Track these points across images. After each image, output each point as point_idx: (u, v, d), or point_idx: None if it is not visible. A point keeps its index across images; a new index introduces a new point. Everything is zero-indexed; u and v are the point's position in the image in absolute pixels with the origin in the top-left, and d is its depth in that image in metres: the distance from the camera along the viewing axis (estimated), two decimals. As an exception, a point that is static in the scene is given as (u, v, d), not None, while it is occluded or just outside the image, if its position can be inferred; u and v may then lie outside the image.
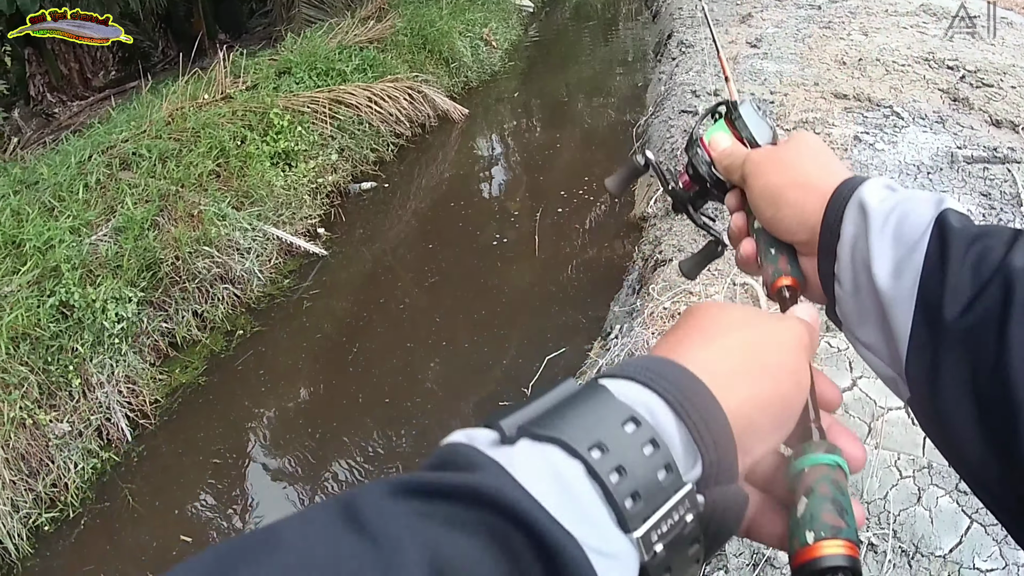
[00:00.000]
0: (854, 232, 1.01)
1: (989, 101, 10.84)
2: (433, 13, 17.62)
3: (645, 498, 0.60)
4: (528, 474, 0.57)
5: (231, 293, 8.85)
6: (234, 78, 12.45)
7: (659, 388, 0.67)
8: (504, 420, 0.64)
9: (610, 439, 0.61)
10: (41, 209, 8.54)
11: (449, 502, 0.55)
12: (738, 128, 1.38)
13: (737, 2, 19.20)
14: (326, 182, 11.20)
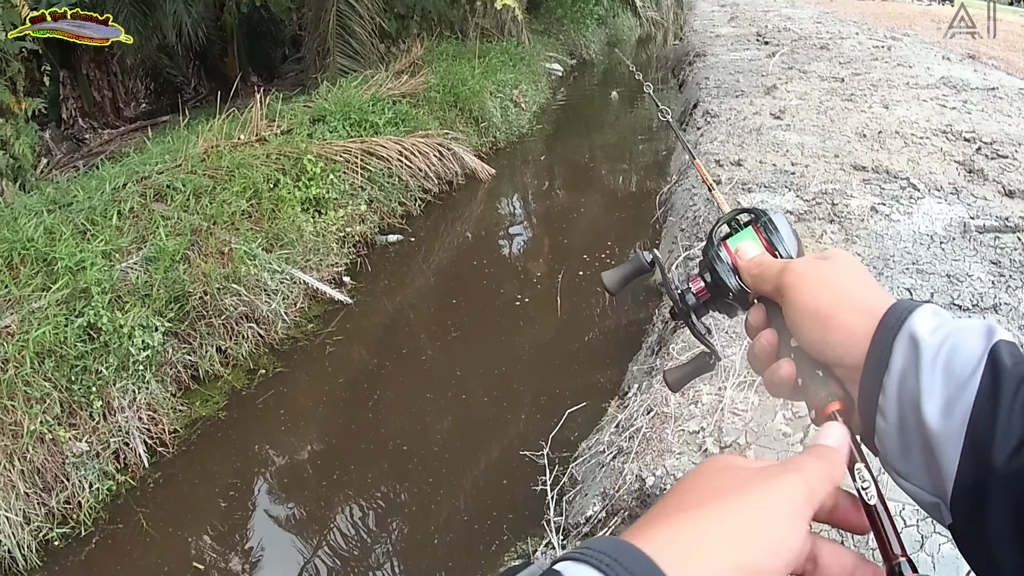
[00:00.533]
0: (903, 365, 0.97)
1: (1004, 172, 10.96)
2: (466, 71, 17.76)
3: None
4: None
5: (255, 332, 8.87)
6: (269, 121, 12.53)
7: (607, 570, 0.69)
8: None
9: None
10: (74, 230, 8.56)
11: None
12: (771, 239, 1.29)
13: (763, 74, 19.45)
14: (354, 231, 11.23)
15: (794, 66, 20.74)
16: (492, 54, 20.75)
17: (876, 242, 8.87)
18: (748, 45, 26.43)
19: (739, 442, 5.53)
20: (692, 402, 6.11)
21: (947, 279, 7.82)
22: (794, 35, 28.20)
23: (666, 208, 12.06)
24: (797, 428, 5.61)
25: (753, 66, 21.28)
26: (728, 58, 23.44)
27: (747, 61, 22.35)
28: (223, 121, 12.14)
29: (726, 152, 12.44)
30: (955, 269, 8.09)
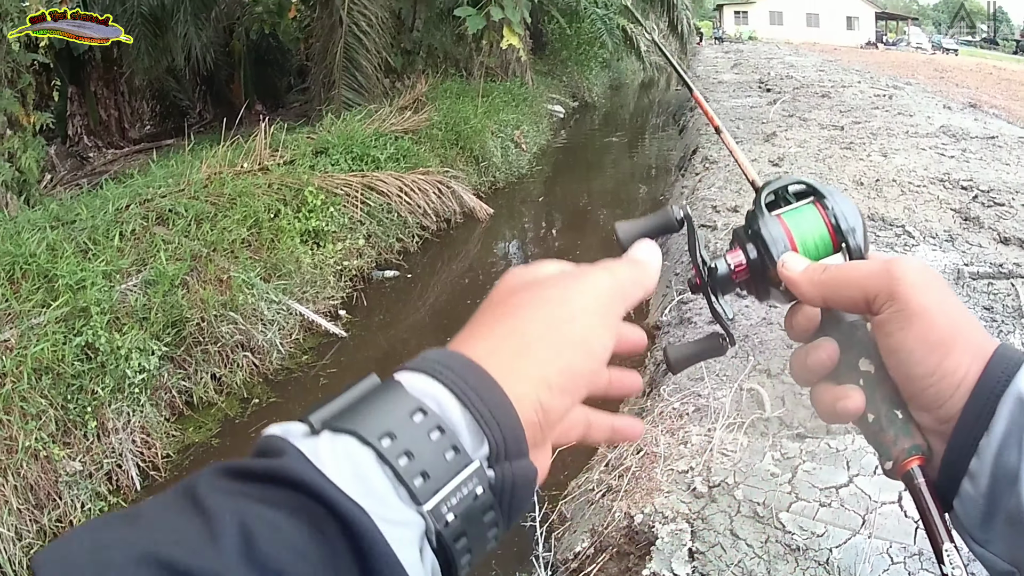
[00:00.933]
0: (1006, 429, 0.86)
1: (999, 219, 11.07)
2: (468, 110, 17.88)
3: (433, 476, 0.69)
4: (326, 459, 0.66)
5: (250, 361, 8.89)
6: (272, 150, 12.64)
7: (446, 380, 0.73)
8: (312, 415, 0.72)
9: (399, 428, 0.69)
10: (76, 248, 8.64)
11: (261, 483, 0.64)
12: (839, 226, 1.05)
13: (763, 121, 19.67)
14: (351, 265, 11.29)
15: (795, 114, 21.04)
16: (495, 93, 20.93)
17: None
18: (750, 92, 26.83)
19: (727, 482, 5.56)
20: (681, 442, 6.17)
21: (940, 325, 7.84)
22: (796, 83, 28.50)
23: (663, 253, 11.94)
24: (786, 469, 5.66)
25: (754, 113, 21.57)
26: (729, 104, 23.76)
27: (748, 108, 22.67)
28: (227, 148, 12.26)
29: (723, 198, 12.60)
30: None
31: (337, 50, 16.92)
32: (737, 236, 1.11)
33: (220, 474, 0.66)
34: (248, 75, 21.25)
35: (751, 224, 1.09)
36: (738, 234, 1.11)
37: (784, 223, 1.07)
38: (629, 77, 43.79)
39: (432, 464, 0.69)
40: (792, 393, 6.75)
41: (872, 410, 0.97)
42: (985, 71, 42.96)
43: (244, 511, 0.61)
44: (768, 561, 4.85)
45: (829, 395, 1.00)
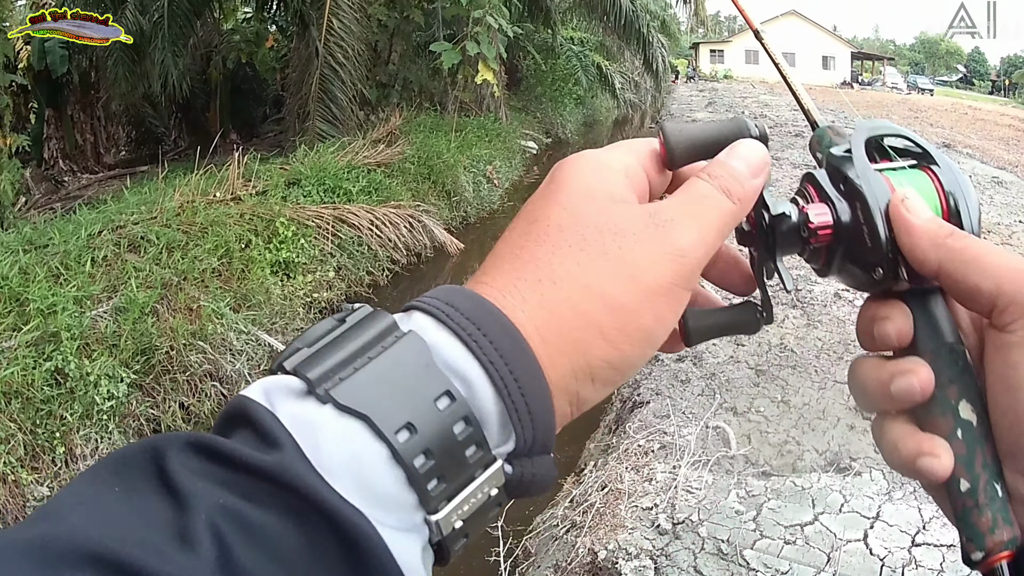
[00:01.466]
0: None
1: None
2: (441, 144, 17.99)
3: (450, 479, 0.61)
4: (329, 455, 0.57)
5: (219, 391, 8.84)
6: (245, 180, 12.70)
7: (482, 357, 0.62)
8: (313, 369, 0.60)
9: (420, 418, 0.60)
10: (48, 273, 8.68)
11: (249, 476, 0.55)
12: (954, 198, 0.79)
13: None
14: (321, 297, 11.28)
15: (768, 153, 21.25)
16: (469, 128, 21.03)
17: (838, 327, 9.05)
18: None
19: (692, 519, 5.55)
20: (646, 479, 6.16)
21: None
22: (770, 122, 28.55)
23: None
24: (751, 506, 5.68)
25: (727, 152, 21.69)
26: None
27: (722, 148, 22.76)
28: (200, 177, 12.29)
29: None
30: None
31: (313, 81, 17.00)
32: (816, 184, 0.82)
33: (195, 451, 0.57)
34: (224, 104, 21.31)
35: (843, 173, 0.80)
36: (818, 182, 0.82)
37: (889, 183, 0.78)
38: (603, 114, 43.64)
39: (451, 465, 0.61)
40: (758, 431, 6.80)
41: (967, 475, 0.72)
42: (960, 111, 43.31)
43: (223, 507, 0.54)
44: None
45: (911, 442, 0.74)
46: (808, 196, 0.82)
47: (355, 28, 17.35)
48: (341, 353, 0.62)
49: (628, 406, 8.02)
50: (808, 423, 6.91)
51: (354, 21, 17.32)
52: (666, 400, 7.51)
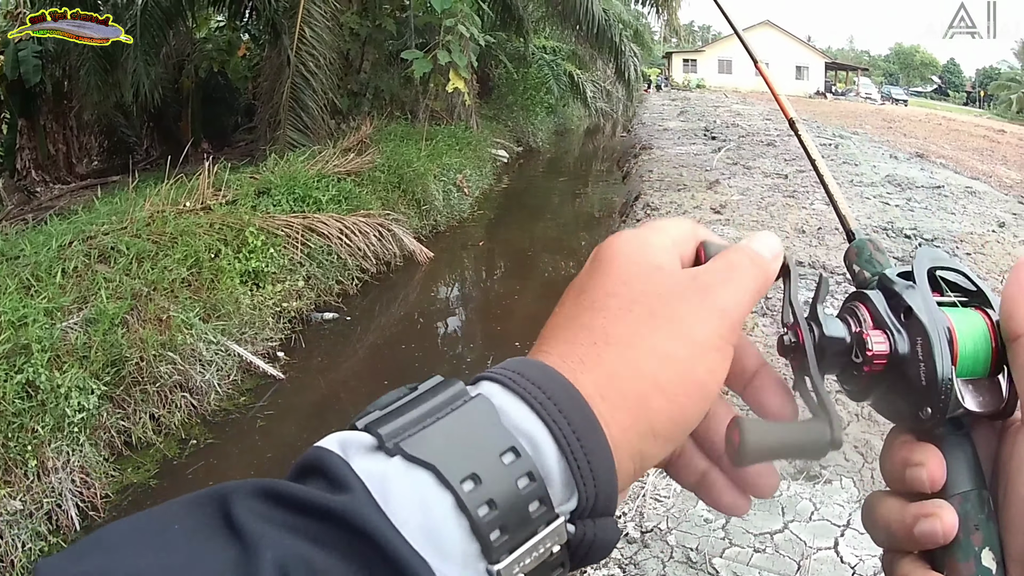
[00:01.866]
0: None
1: None
2: (412, 153, 17.96)
3: (512, 530, 0.61)
4: (396, 501, 0.58)
5: (188, 402, 8.82)
6: (215, 190, 12.65)
7: (547, 418, 0.65)
8: (382, 424, 0.64)
9: (485, 470, 0.61)
10: (19, 285, 8.63)
11: (315, 519, 0.57)
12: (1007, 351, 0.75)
13: (707, 168, 19.95)
14: (290, 307, 11.25)
15: (739, 161, 21.34)
16: (440, 137, 21.01)
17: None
18: (695, 139, 27.09)
19: (660, 527, 5.54)
20: None
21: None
22: (742, 131, 28.73)
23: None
24: (719, 515, 5.59)
25: (698, 160, 21.79)
26: (674, 152, 23.94)
27: (692, 155, 22.87)
28: (171, 186, 12.23)
29: None
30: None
31: (284, 90, 16.94)
32: (872, 308, 0.81)
33: (262, 496, 0.59)
34: (196, 113, 21.25)
35: (905, 303, 0.78)
36: (875, 306, 0.81)
37: (949, 320, 0.77)
38: (575, 123, 43.95)
39: (514, 518, 0.61)
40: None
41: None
42: (934, 121, 43.28)
43: (289, 550, 0.55)
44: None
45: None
46: (861, 318, 0.81)
47: (327, 37, 17.31)
48: (412, 414, 0.65)
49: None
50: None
51: (326, 30, 17.28)
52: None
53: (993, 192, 18.55)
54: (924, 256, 0.82)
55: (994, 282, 10.66)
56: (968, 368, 0.75)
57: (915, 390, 0.74)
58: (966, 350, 0.75)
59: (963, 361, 0.75)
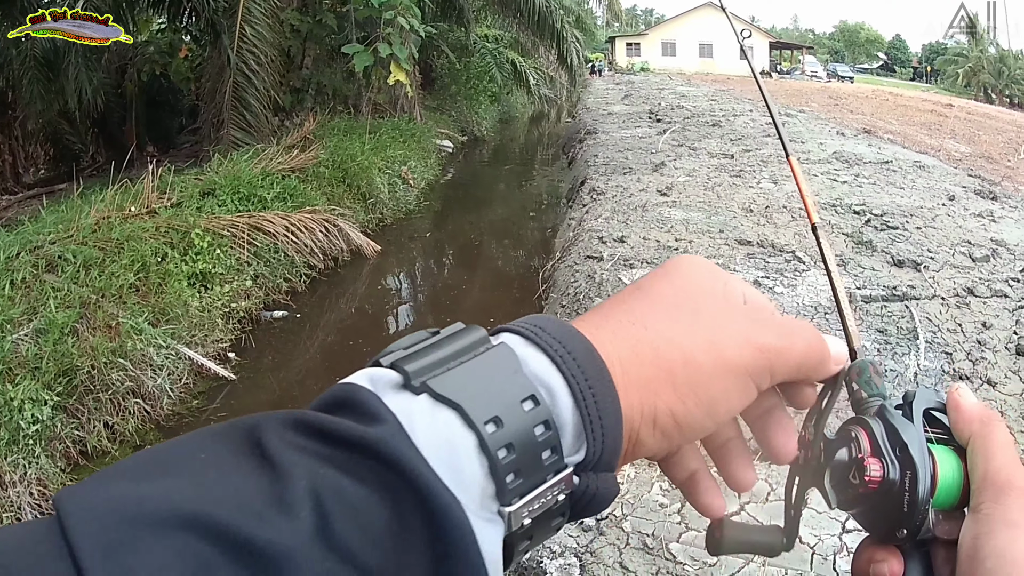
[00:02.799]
0: None
1: (893, 243, 11.28)
2: (356, 147, 18.00)
3: (526, 475, 0.64)
4: (423, 436, 0.60)
5: (142, 408, 8.79)
6: (160, 193, 12.62)
7: (566, 371, 0.68)
8: (410, 364, 0.66)
9: (507, 414, 0.64)
10: (-34, 300, 8.51)
11: (347, 450, 0.59)
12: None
13: (653, 151, 19.75)
14: (239, 307, 11.21)
15: (685, 143, 21.20)
16: (383, 130, 21.08)
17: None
18: (640, 123, 26.86)
19: (615, 514, 5.51)
20: None
21: (832, 349, 7.93)
22: (687, 112, 28.52)
23: (549, 285, 12.10)
24: (674, 499, 5.63)
25: (643, 143, 21.66)
26: (619, 135, 23.79)
27: (637, 139, 22.75)
28: (116, 192, 12.19)
29: (610, 229, 12.69)
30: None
31: (226, 89, 16.93)
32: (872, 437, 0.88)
33: (293, 426, 0.61)
34: (140, 117, 21.10)
35: (901, 439, 0.86)
36: (875, 437, 0.88)
37: (934, 459, 0.85)
38: (519, 110, 43.98)
39: (528, 463, 0.65)
40: None
41: None
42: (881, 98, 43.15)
43: (321, 479, 0.57)
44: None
45: None
46: (859, 442, 0.88)
47: (268, 34, 17.27)
48: (436, 355, 0.67)
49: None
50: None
51: (267, 27, 17.23)
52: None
53: (942, 166, 18.56)
54: (923, 398, 0.92)
55: (945, 255, 10.84)
56: (941, 501, 0.84)
57: (896, 513, 0.83)
58: (943, 486, 0.84)
59: (939, 494, 0.84)
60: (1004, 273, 10.26)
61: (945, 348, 8.16)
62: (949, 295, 9.54)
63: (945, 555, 0.83)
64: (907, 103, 39.31)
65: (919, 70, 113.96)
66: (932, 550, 0.85)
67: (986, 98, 72.76)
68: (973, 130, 27.93)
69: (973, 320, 8.86)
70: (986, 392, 7.25)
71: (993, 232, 12.15)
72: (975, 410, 0.85)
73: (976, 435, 0.83)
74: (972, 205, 14.05)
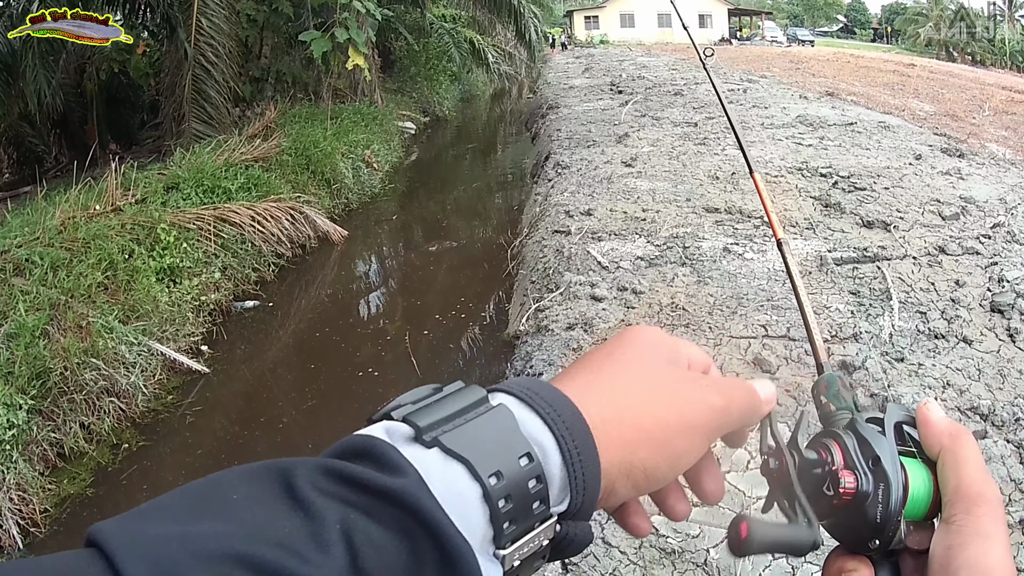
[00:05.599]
0: None
1: (861, 204, 11.34)
2: (318, 134, 18.01)
3: (519, 523, 0.71)
4: (438, 487, 0.66)
5: (117, 407, 8.79)
6: (124, 190, 12.61)
7: (558, 433, 0.75)
8: (419, 416, 0.72)
9: (507, 469, 0.70)
10: (-66, 307, 8.47)
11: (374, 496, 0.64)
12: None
13: (616, 123, 19.77)
14: (209, 300, 11.19)
15: (647, 113, 21.22)
16: (345, 115, 21.11)
17: (729, 282, 9.10)
18: (601, 95, 26.75)
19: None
20: None
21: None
22: (648, 83, 28.39)
23: (518, 261, 12.17)
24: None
25: (606, 116, 21.66)
26: (581, 109, 23.71)
27: (600, 111, 22.70)
28: (80, 191, 12.18)
29: (576, 203, 12.76)
30: (813, 302, 8.11)
31: (186, 83, 16.94)
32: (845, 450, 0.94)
33: (323, 473, 0.66)
34: (101, 115, 20.99)
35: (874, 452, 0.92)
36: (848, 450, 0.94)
37: (905, 472, 0.90)
38: (480, 89, 43.98)
39: (522, 512, 0.71)
40: None
41: None
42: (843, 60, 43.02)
43: (352, 521, 0.62)
44: (644, 567, 5.03)
45: None
46: (832, 454, 0.94)
47: (224, 26, 17.31)
48: (444, 411, 0.74)
49: (526, 372, 8.00)
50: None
51: (223, 19, 17.27)
52: (559, 370, 7.25)
53: (907, 125, 18.55)
54: (894, 412, 0.97)
55: (915, 214, 10.91)
56: (912, 513, 0.89)
57: (869, 524, 0.88)
58: (914, 498, 0.89)
59: (910, 506, 0.88)
60: (975, 230, 10.33)
61: (919, 308, 8.23)
62: (921, 254, 9.61)
63: (914, 565, 0.88)
64: (869, 64, 39.22)
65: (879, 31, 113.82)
66: (901, 560, 0.89)
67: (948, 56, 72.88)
68: (936, 89, 27.87)
69: (946, 278, 8.93)
70: (962, 350, 7.31)
71: (962, 189, 12.23)
72: (944, 425, 0.91)
73: (946, 449, 0.89)
74: (939, 163, 14.09)
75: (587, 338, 8.23)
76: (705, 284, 9.14)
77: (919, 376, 6.83)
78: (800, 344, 7.54)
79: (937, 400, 6.35)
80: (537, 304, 9.49)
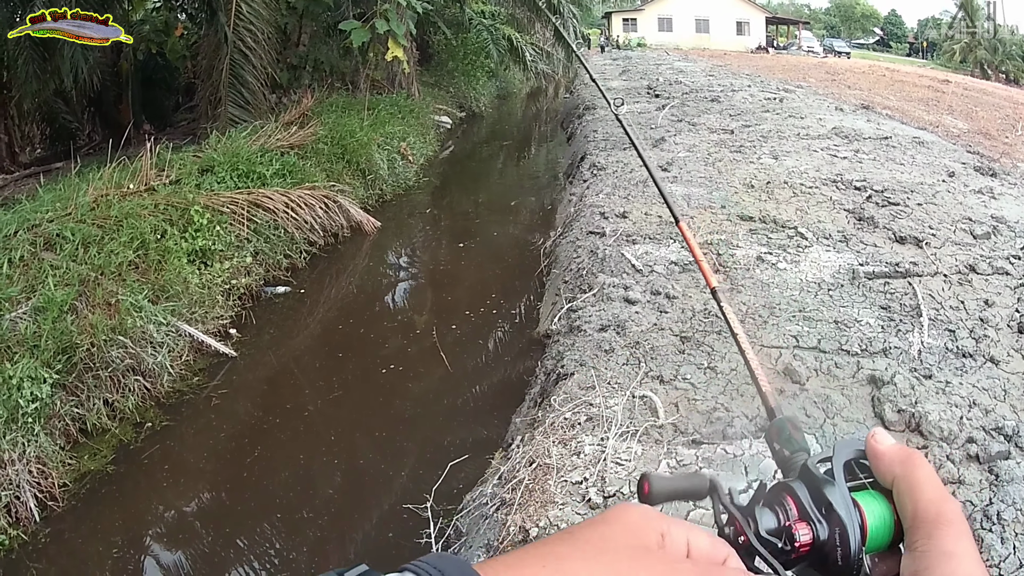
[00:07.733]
0: None
1: (894, 219, 11.18)
2: (354, 124, 18.00)
3: None
4: None
5: (142, 385, 8.80)
6: (158, 170, 12.61)
7: None
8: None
9: None
10: (-35, 278, 8.47)
11: None
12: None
13: (652, 126, 19.66)
14: (239, 283, 11.20)
15: (684, 119, 21.09)
16: (381, 106, 21.09)
17: (762, 291, 8.98)
18: (639, 98, 26.64)
19: (623, 491, 5.51)
20: (574, 453, 6.15)
21: (835, 325, 7.96)
22: (685, 88, 28.37)
23: (551, 260, 12.15)
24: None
25: (643, 119, 21.48)
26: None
27: (637, 114, 22.54)
28: (114, 169, 12.14)
29: (611, 204, 12.67)
30: (843, 315, 8.22)
31: (223, 67, 16.88)
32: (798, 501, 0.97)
33: None
34: (136, 95, 21.07)
35: (826, 498, 0.93)
36: (800, 500, 0.97)
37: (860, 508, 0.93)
38: (516, 86, 44.11)
39: None
40: (686, 399, 6.74)
41: None
42: (878, 73, 43.05)
43: None
44: (669, 570, 4.94)
45: None
46: (787, 509, 0.96)
47: (264, 12, 17.23)
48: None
49: (552, 378, 8.00)
50: (736, 389, 6.94)
51: (263, 5, 17.20)
52: (591, 371, 7.46)
53: (941, 142, 18.45)
54: (842, 450, 0.98)
55: (947, 232, 10.76)
56: (874, 545, 0.91)
57: (833, 567, 0.89)
58: (874, 531, 0.90)
59: (871, 541, 0.90)
60: (1005, 250, 10.19)
61: (948, 325, 8.10)
62: (951, 272, 9.49)
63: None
64: (904, 78, 39.18)
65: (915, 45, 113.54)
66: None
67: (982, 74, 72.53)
68: (970, 106, 27.81)
69: (975, 297, 8.80)
70: (989, 370, 7.18)
71: (993, 209, 12.09)
72: (894, 453, 0.94)
73: (899, 477, 0.91)
74: (972, 181, 13.96)
75: (620, 340, 8.10)
76: (738, 292, 9.02)
77: (946, 394, 6.69)
78: (830, 356, 7.43)
79: (963, 420, 6.51)
80: (570, 304, 9.41)
